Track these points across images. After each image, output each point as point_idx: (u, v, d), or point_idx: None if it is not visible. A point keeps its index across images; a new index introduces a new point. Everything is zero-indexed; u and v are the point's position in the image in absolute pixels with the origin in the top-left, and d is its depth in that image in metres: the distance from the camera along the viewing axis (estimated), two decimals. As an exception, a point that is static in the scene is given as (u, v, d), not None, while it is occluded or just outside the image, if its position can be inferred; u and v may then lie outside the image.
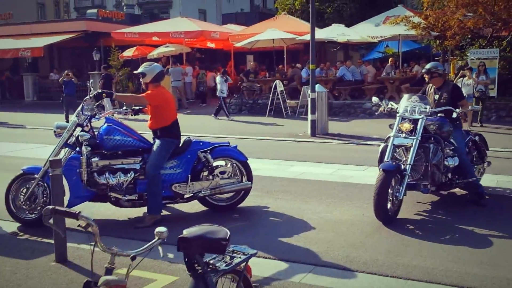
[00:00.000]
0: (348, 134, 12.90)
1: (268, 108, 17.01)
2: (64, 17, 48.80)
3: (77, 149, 5.83)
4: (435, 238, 5.28)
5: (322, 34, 18.36)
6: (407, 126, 6.03)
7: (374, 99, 7.10)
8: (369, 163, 9.12)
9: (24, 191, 5.90)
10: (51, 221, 2.39)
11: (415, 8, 24.85)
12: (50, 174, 4.84)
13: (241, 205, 6.54)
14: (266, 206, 6.62)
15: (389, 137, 6.23)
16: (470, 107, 6.56)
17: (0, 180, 6.58)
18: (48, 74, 25.43)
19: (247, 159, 6.40)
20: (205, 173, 6.18)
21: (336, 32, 18.83)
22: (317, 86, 13.16)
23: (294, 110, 17.04)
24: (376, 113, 6.82)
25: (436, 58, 25.94)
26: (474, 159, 6.93)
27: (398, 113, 6.26)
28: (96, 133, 5.91)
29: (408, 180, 5.87)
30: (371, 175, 8.18)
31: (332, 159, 9.74)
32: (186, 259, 2.61)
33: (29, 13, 43.98)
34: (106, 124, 5.92)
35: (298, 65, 20.84)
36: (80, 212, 2.21)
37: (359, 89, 19.01)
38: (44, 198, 5.84)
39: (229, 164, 6.37)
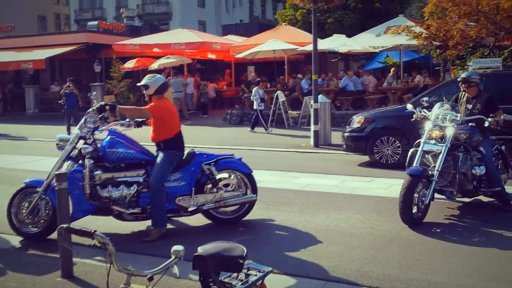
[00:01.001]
0: (351, 145, 12.81)
1: (270, 118, 16.95)
2: (64, 29, 49.06)
3: (80, 162, 5.75)
4: (447, 250, 5.19)
5: (323, 44, 18.35)
6: (437, 133, 6.22)
7: (409, 106, 7.15)
8: (374, 175, 9.06)
9: (26, 205, 5.81)
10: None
11: (414, 18, 24.91)
12: (56, 188, 4.76)
13: (246, 218, 6.45)
14: (272, 219, 6.52)
15: (419, 142, 6.38)
16: (502, 116, 6.57)
17: (2, 193, 6.50)
18: (50, 86, 25.42)
19: (252, 171, 6.30)
20: (209, 186, 6.08)
21: (337, 43, 18.84)
22: (319, 96, 13.12)
23: (296, 120, 16.99)
24: (411, 120, 6.89)
25: (437, 68, 26.00)
26: (499, 167, 7.00)
27: (429, 120, 6.41)
28: (99, 145, 5.83)
29: (437, 186, 6.10)
30: (377, 187, 8.15)
31: (337, 170, 9.66)
32: (202, 278, 2.53)
33: (30, 26, 44.22)
34: (109, 137, 5.83)
35: (299, 75, 20.83)
36: (95, 230, 2.13)
37: (361, 99, 18.97)
38: (47, 212, 5.75)
39: (233, 176, 6.27)
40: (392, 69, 19.77)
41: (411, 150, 6.58)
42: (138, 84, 6.23)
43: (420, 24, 18.34)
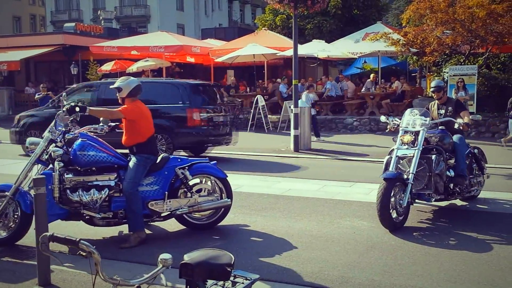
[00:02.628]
0: (331, 150, 12.88)
1: (250, 123, 16.93)
2: (40, 30, 48.27)
3: (51, 165, 5.60)
4: (428, 255, 5.21)
5: (303, 50, 18.41)
6: (408, 138, 6.38)
7: (382, 118, 7.21)
8: (355, 179, 9.09)
9: None
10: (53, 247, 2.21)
11: (390, 25, 25.21)
12: (33, 194, 4.61)
13: (227, 223, 6.39)
14: (254, 224, 6.46)
15: (392, 149, 6.55)
16: (471, 116, 6.91)
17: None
18: (24, 88, 24.96)
19: (227, 176, 6.22)
20: (183, 191, 5.98)
21: (316, 48, 18.94)
22: (299, 101, 13.13)
23: (276, 125, 17.00)
24: (386, 131, 7.10)
25: (413, 74, 26.38)
26: (474, 171, 7.17)
27: (401, 127, 6.56)
28: (70, 149, 5.69)
29: (414, 190, 6.24)
30: (359, 192, 8.17)
31: (318, 175, 9.66)
32: (188, 286, 2.46)
33: (4, 26, 43.43)
34: (80, 140, 5.67)
35: (279, 80, 20.87)
36: (81, 239, 2.05)
37: (340, 105, 19.09)
38: (15, 217, 5.59)
39: (208, 181, 6.19)
40: (372, 75, 19.93)
41: (386, 158, 6.70)
42: (111, 86, 6.09)
43: (398, 31, 18.57)
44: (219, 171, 6.17)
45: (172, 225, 6.27)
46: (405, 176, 6.14)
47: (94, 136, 5.87)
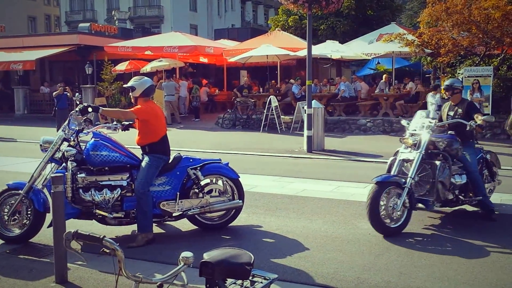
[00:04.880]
0: (344, 151, 12.83)
1: (263, 123, 16.92)
2: (55, 30, 48.70)
3: (64, 164, 5.64)
4: (446, 257, 5.16)
5: (316, 50, 18.34)
6: (410, 141, 6.19)
7: (403, 121, 6.95)
8: (369, 180, 9.00)
9: (8, 207, 5.69)
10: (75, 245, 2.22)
11: (404, 26, 25.04)
12: (51, 191, 4.65)
13: (242, 223, 6.39)
14: (269, 224, 6.45)
15: (398, 151, 6.42)
16: (484, 117, 6.53)
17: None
18: (39, 87, 25.17)
19: (239, 177, 6.20)
20: (195, 191, 5.98)
21: (330, 49, 18.86)
22: (313, 102, 13.10)
23: (288, 125, 16.97)
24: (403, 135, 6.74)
25: (427, 75, 26.18)
26: (484, 177, 6.93)
27: (409, 130, 6.43)
28: (83, 148, 5.73)
29: (416, 195, 6.04)
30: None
31: (332, 176, 9.62)
32: (208, 285, 2.46)
33: (20, 26, 43.87)
34: (93, 139, 5.71)
35: (292, 80, 20.84)
36: (104, 236, 2.06)
37: (353, 105, 19.00)
38: (28, 215, 5.65)
39: (220, 181, 6.18)
40: (384, 76, 19.84)
41: (390, 159, 6.58)
42: (125, 85, 6.12)
43: (413, 32, 18.45)
44: (232, 172, 6.16)
45: (185, 225, 6.28)
46: (403, 180, 5.91)
47: (107, 135, 5.90)
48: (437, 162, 6.07)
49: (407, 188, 5.84)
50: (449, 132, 6.47)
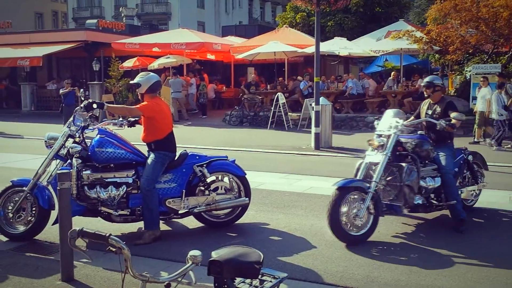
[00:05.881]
0: (352, 148, 12.72)
1: (270, 120, 16.85)
2: (63, 27, 48.78)
3: (69, 161, 5.59)
4: (457, 255, 5.09)
5: (324, 47, 18.21)
6: (375, 142, 5.76)
7: (376, 122, 6.45)
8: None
9: (12, 204, 5.66)
10: (79, 243, 2.17)
11: (412, 23, 24.84)
12: (58, 188, 4.61)
13: (250, 221, 6.34)
14: (276, 222, 6.40)
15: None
16: (454, 115, 5.95)
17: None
18: (46, 84, 25.22)
19: (245, 174, 6.13)
20: (201, 188, 5.93)
21: (338, 45, 18.77)
22: (321, 99, 13.01)
23: (296, 122, 16.89)
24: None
25: (435, 73, 26.00)
26: (466, 179, 6.52)
27: (376, 130, 6.00)
28: (88, 144, 5.68)
29: (387, 200, 5.66)
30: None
31: (339, 174, 9.45)
32: (216, 284, 2.41)
33: (27, 22, 43.96)
34: (98, 136, 5.66)
35: (299, 77, 20.75)
36: (110, 234, 2.00)
37: (361, 103, 18.89)
38: (33, 212, 5.61)
39: (226, 179, 6.11)
40: (392, 73, 19.70)
41: (358, 162, 6.05)
42: (131, 82, 6.07)
43: (421, 29, 18.30)
44: (238, 169, 6.10)
45: (191, 223, 6.23)
46: (368, 185, 5.48)
47: (113, 132, 5.85)
48: (404, 165, 5.60)
49: (371, 193, 5.41)
50: (419, 132, 6.04)
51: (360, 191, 5.47)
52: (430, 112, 6.31)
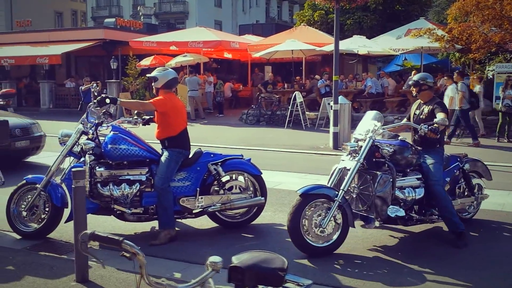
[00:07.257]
0: (371, 148, 12.49)
1: (287, 119, 16.67)
2: (81, 25, 49.17)
3: (83, 158, 5.51)
4: (418, 272, 4.87)
5: (342, 45, 17.94)
6: (348, 147, 5.28)
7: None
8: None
9: (25, 202, 5.60)
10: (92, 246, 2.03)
11: (432, 22, 24.42)
12: (72, 186, 4.51)
13: (267, 221, 6.18)
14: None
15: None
16: (436, 119, 5.26)
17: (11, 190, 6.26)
18: (65, 82, 25.36)
19: (261, 173, 5.98)
20: (215, 187, 5.79)
21: (357, 44, 18.49)
22: (340, 98, 12.81)
23: (313, 122, 16.69)
24: None
25: (456, 72, 25.55)
26: (462, 189, 5.91)
27: (353, 134, 5.50)
28: (102, 141, 5.58)
29: (362, 210, 5.18)
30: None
31: (359, 174, 9.32)
32: (237, 292, 2.25)
33: (46, 21, 44.37)
34: (112, 133, 5.56)
35: (317, 76, 20.53)
36: (124, 239, 1.86)
37: (380, 102, 18.61)
38: (46, 209, 5.54)
39: (242, 178, 5.97)
40: (413, 72, 19.36)
41: (333, 167, 5.55)
42: (148, 75, 5.96)
43: (442, 27, 17.96)
44: (254, 168, 5.95)
45: (206, 223, 6.09)
46: (336, 193, 5.00)
47: (127, 129, 5.75)
48: (378, 173, 5.04)
49: (338, 202, 4.91)
50: (400, 138, 5.39)
51: (326, 199, 5.00)
52: (417, 112, 5.76)
